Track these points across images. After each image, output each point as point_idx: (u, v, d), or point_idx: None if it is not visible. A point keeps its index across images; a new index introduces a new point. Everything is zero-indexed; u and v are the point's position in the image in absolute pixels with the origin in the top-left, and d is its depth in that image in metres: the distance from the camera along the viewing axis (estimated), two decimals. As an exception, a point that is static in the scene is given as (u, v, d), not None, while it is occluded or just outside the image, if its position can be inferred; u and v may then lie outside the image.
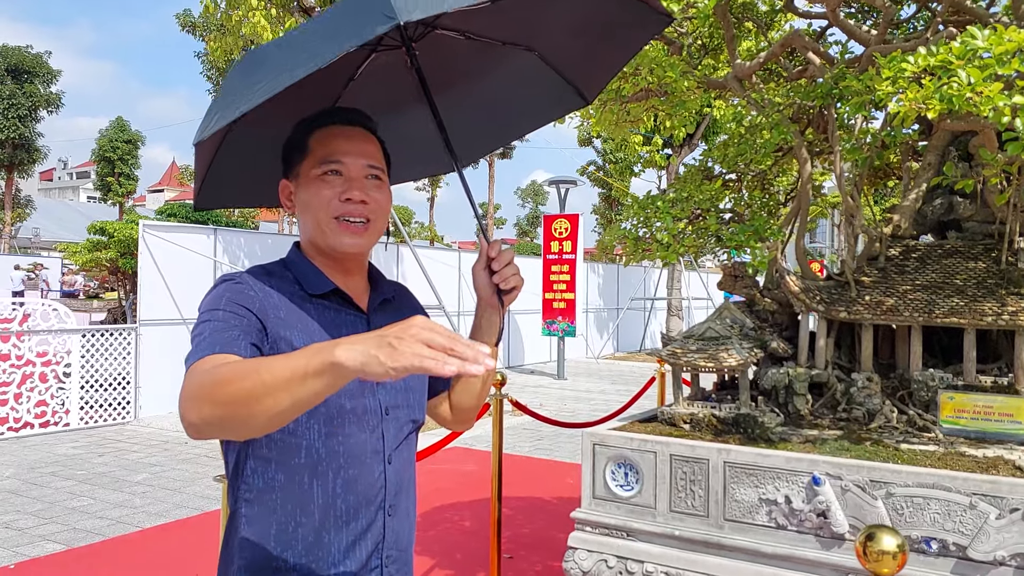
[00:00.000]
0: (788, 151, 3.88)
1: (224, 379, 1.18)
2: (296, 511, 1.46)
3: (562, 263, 15.68)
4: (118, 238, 13.84)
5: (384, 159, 1.66)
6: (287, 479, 1.46)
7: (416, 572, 4.82)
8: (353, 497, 1.49)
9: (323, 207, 1.55)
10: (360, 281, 1.66)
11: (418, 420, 1.66)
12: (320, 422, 1.46)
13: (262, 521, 1.47)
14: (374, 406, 1.54)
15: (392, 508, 1.57)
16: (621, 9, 1.78)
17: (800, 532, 2.86)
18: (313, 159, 1.57)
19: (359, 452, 1.50)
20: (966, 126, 3.12)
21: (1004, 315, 3.14)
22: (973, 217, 3.59)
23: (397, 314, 1.67)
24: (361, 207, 1.55)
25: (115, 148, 45.36)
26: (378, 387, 1.55)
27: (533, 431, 9.79)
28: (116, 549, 5.28)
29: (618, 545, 3.19)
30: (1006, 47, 2.48)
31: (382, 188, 1.61)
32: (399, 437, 1.59)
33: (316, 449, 1.46)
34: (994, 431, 3.05)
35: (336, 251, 1.57)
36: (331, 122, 1.60)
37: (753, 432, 3.21)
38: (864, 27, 3.86)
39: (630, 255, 3.62)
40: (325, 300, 1.56)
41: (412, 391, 1.64)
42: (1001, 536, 2.55)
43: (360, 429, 1.51)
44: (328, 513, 1.47)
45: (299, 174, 1.60)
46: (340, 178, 1.56)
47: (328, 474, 1.47)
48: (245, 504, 1.49)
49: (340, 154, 1.56)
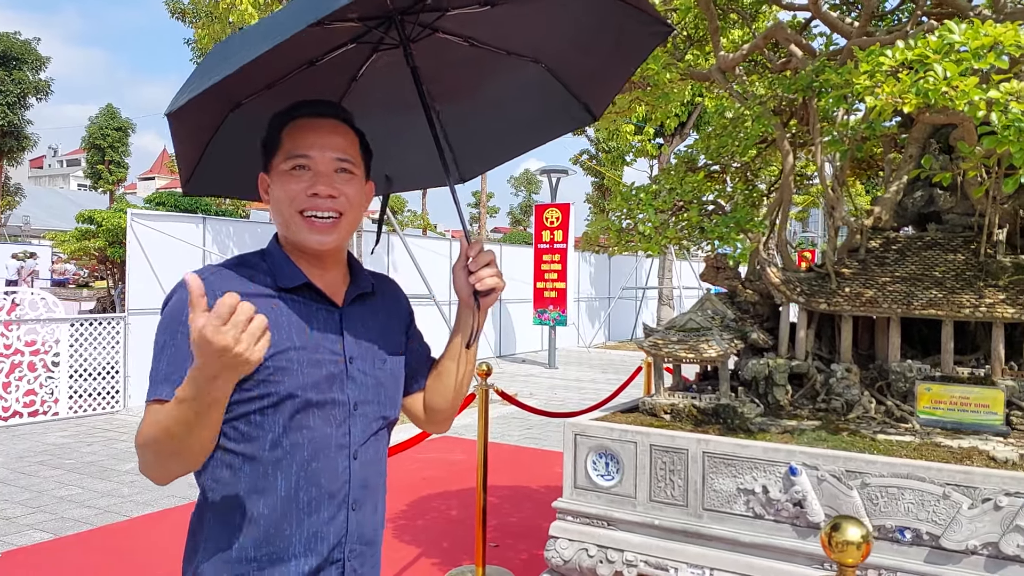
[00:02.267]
0: (771, 143, 3.90)
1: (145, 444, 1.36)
2: (259, 502, 1.47)
3: (553, 252, 15.68)
4: (106, 227, 13.78)
5: (361, 152, 1.63)
6: (251, 470, 1.47)
7: (403, 560, 4.87)
8: (315, 490, 1.49)
9: (289, 202, 1.53)
10: (337, 274, 1.63)
11: (389, 417, 1.65)
12: (285, 415, 1.46)
13: (225, 511, 1.48)
14: (342, 400, 1.53)
15: (356, 503, 1.56)
16: (623, 21, 1.76)
17: (777, 521, 2.89)
18: (282, 153, 1.55)
19: (323, 446, 1.50)
20: (946, 119, 3.14)
21: (981, 307, 3.17)
22: (953, 209, 3.61)
23: (375, 309, 1.67)
24: (328, 202, 1.52)
25: (105, 136, 45.06)
26: (347, 382, 1.54)
27: (523, 420, 9.83)
28: (104, 538, 5.30)
29: (599, 534, 3.23)
30: (982, 42, 2.50)
31: (352, 182, 1.57)
32: (367, 433, 1.58)
33: (280, 442, 1.47)
34: (970, 422, 3.09)
35: (303, 247, 1.55)
36: (301, 115, 1.57)
37: (732, 422, 3.24)
38: (848, 19, 3.87)
39: (614, 246, 3.63)
40: (296, 294, 1.54)
41: (383, 387, 1.62)
42: (973, 526, 2.58)
43: (325, 423, 1.51)
44: (290, 505, 1.48)
45: (271, 168, 1.58)
46: (308, 172, 1.53)
47: (291, 466, 1.47)
48: (210, 493, 1.50)
49: (307, 147, 1.53)
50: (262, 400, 1.45)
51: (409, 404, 1.78)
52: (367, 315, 1.64)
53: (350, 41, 1.73)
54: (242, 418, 1.46)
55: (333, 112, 1.61)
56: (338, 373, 1.53)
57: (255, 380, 1.44)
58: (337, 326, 1.57)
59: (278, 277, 1.54)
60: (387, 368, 1.64)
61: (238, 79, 1.60)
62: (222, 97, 1.68)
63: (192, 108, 1.52)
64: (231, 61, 1.39)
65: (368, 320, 1.64)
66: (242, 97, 1.70)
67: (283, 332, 1.48)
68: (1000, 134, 2.42)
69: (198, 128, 1.72)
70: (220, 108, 1.71)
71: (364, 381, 1.58)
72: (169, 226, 10.86)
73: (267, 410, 1.45)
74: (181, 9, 17.99)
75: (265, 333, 1.20)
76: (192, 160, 1.78)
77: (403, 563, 4.84)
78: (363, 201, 1.63)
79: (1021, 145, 2.39)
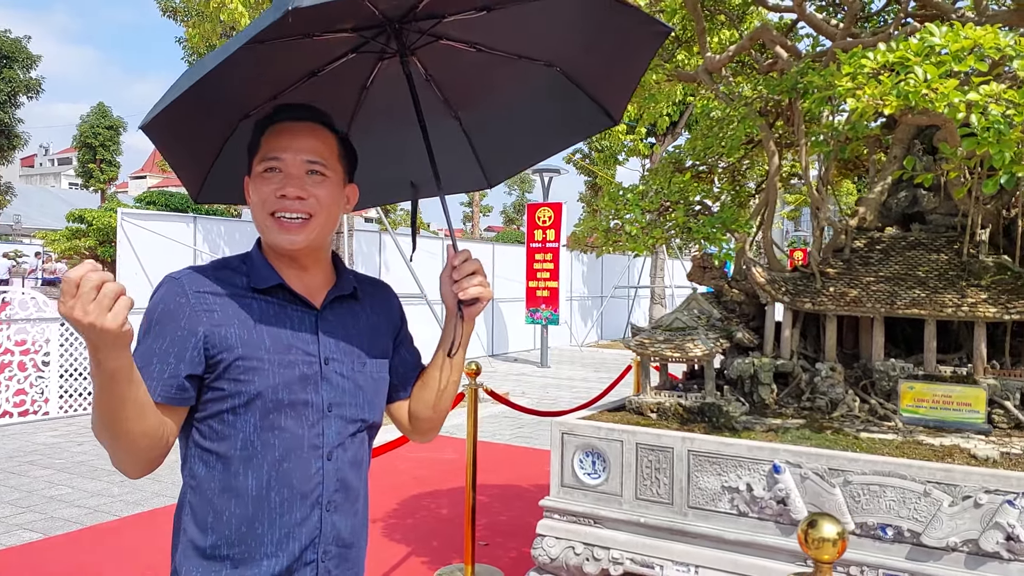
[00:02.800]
0: (758, 143, 3.93)
1: (94, 431, 1.40)
2: (231, 500, 1.49)
3: (545, 251, 15.70)
4: (97, 226, 13.74)
5: (341, 155, 1.63)
6: (224, 469, 1.49)
7: (392, 559, 4.88)
8: (287, 490, 1.50)
9: (262, 204, 1.55)
10: (318, 276, 1.63)
11: (368, 420, 1.64)
12: (256, 415, 1.48)
13: (202, 508, 1.51)
14: (315, 401, 1.54)
15: (332, 504, 1.56)
16: (621, 22, 1.76)
17: (761, 519, 2.92)
18: (259, 157, 1.57)
19: (295, 446, 1.51)
20: (928, 121, 3.17)
21: (964, 307, 3.20)
22: (937, 210, 3.65)
23: (358, 311, 1.67)
24: (297, 203, 1.53)
25: (96, 134, 44.94)
26: (321, 383, 1.55)
27: (514, 419, 9.85)
28: (94, 538, 5.30)
29: (585, 532, 3.25)
30: (962, 44, 2.53)
31: (324, 184, 1.57)
32: (343, 435, 1.58)
33: (251, 441, 1.48)
34: (952, 420, 3.12)
35: (276, 248, 1.57)
36: (280, 119, 1.58)
37: (718, 421, 3.27)
38: (833, 21, 3.90)
39: (601, 246, 3.65)
40: (270, 295, 1.55)
41: (363, 390, 1.62)
42: (954, 523, 2.61)
43: (297, 424, 1.51)
44: (261, 504, 1.49)
45: (251, 172, 1.60)
46: (279, 175, 1.54)
47: (263, 466, 1.49)
48: (190, 491, 1.53)
49: (279, 150, 1.55)
50: (233, 399, 1.47)
51: (394, 411, 1.78)
52: (348, 317, 1.64)
53: (350, 51, 1.74)
54: (215, 417, 1.48)
55: (311, 115, 1.61)
56: (311, 374, 1.54)
57: (226, 379, 1.46)
58: (312, 327, 1.57)
59: (253, 278, 1.55)
60: (367, 371, 1.63)
61: (243, 91, 1.65)
62: (233, 106, 1.71)
63: (187, 117, 1.54)
64: (193, 76, 1.42)
65: (348, 322, 1.64)
66: (251, 107, 1.73)
67: (254, 332, 1.49)
68: (980, 136, 2.45)
69: (204, 140, 1.74)
70: (231, 117, 1.73)
71: (340, 383, 1.58)
72: (160, 225, 10.85)
73: (238, 409, 1.47)
74: (173, 8, 17.93)
75: (119, 300, 1.19)
76: (202, 170, 1.80)
77: (392, 562, 4.85)
78: (338, 203, 1.62)
79: (1000, 147, 2.42)
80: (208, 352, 1.46)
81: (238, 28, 10.07)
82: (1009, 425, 3.14)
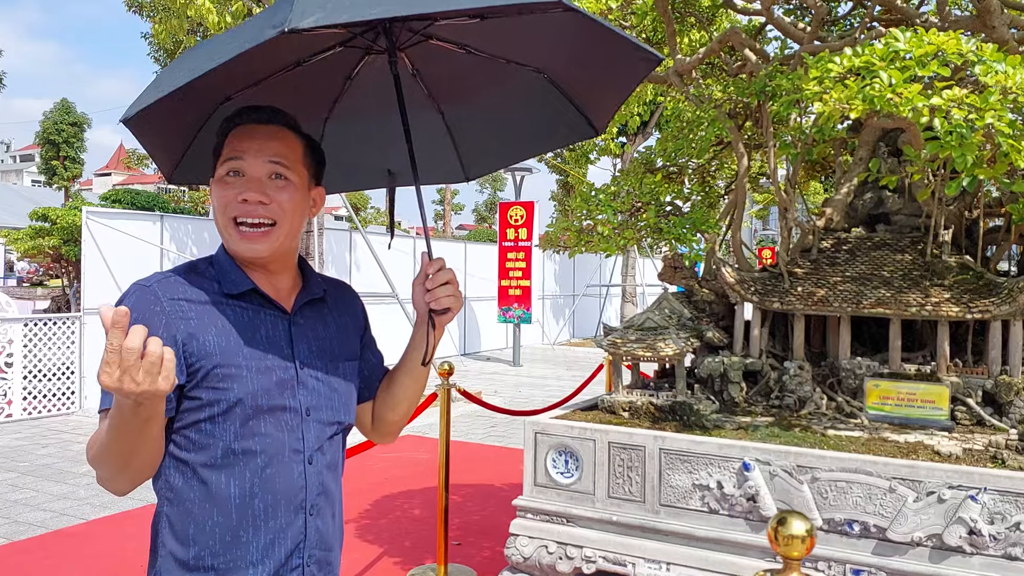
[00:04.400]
0: (727, 145, 3.97)
1: (94, 459, 1.41)
2: (213, 510, 1.46)
3: (518, 250, 15.72)
4: (61, 224, 13.48)
5: (307, 159, 1.60)
6: (204, 478, 1.46)
7: (365, 559, 4.87)
8: (271, 496, 1.49)
9: (223, 208, 1.51)
10: (287, 279, 1.62)
11: (344, 422, 1.64)
12: (236, 423, 1.46)
13: (182, 520, 1.48)
14: (294, 406, 1.52)
15: (314, 508, 1.56)
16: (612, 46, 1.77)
17: (731, 516, 2.96)
18: (222, 160, 1.53)
19: (277, 452, 1.50)
20: (893, 124, 3.23)
21: (928, 306, 3.27)
22: (901, 211, 3.72)
23: (327, 314, 1.66)
24: (259, 209, 1.50)
25: (60, 131, 44.09)
26: (299, 388, 1.54)
27: (487, 418, 9.85)
28: (60, 542, 5.21)
29: (558, 531, 3.27)
30: (926, 49, 2.58)
31: (287, 188, 1.54)
32: (321, 438, 1.57)
33: (232, 449, 1.46)
34: (917, 417, 3.19)
35: (237, 256, 1.54)
36: (243, 121, 1.54)
37: (689, 419, 3.30)
38: (801, 25, 3.95)
39: (573, 247, 3.67)
40: (243, 300, 1.53)
41: (337, 393, 1.61)
42: (919, 518, 2.67)
43: (278, 429, 1.50)
44: (245, 512, 1.47)
45: (214, 174, 1.56)
46: (240, 179, 1.51)
47: (245, 473, 1.47)
48: (167, 503, 1.50)
49: (240, 152, 1.51)
50: (211, 408, 1.45)
51: (359, 414, 1.76)
52: (318, 321, 1.63)
53: (337, 45, 1.74)
54: (192, 426, 1.46)
55: (275, 118, 1.57)
56: (288, 379, 1.52)
57: (204, 387, 1.44)
58: (286, 331, 1.56)
59: (224, 283, 1.52)
60: (340, 373, 1.63)
61: (225, 77, 1.60)
62: (214, 91, 1.69)
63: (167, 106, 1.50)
64: (180, 75, 1.40)
65: (319, 325, 1.63)
66: (232, 92, 1.71)
67: (231, 339, 1.47)
68: (943, 139, 2.51)
69: (183, 122, 1.71)
70: (211, 101, 1.71)
71: (316, 387, 1.57)
72: (126, 224, 10.67)
73: (217, 418, 1.45)
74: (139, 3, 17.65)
75: (164, 362, 1.19)
76: (178, 151, 1.78)
77: (365, 562, 4.84)
78: (302, 209, 1.59)
79: (962, 150, 2.48)
80: (188, 361, 1.43)
81: (206, 24, 9.95)
82: (971, 422, 3.22)
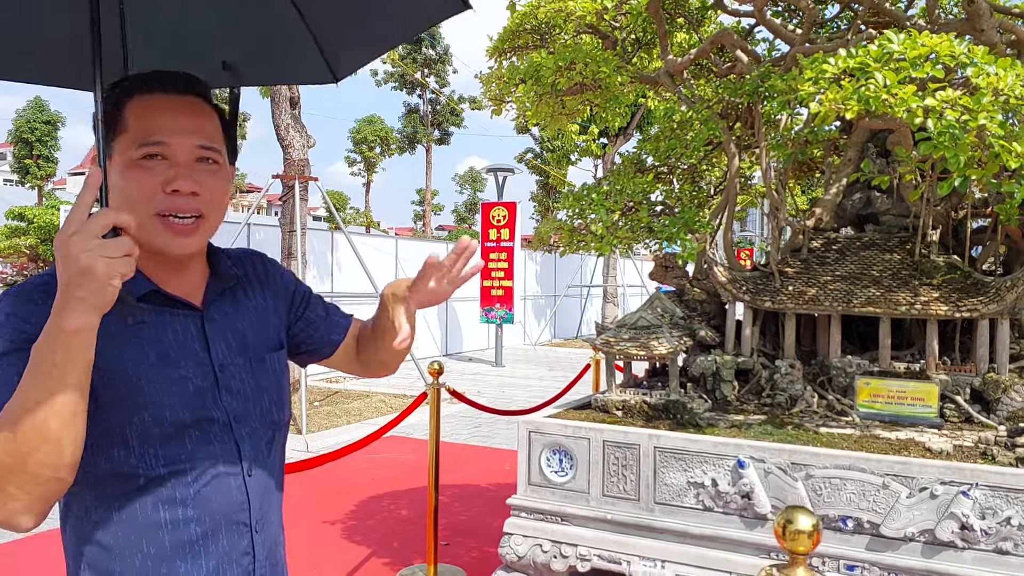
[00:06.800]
0: (717, 145, 4.00)
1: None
2: (141, 542, 1.28)
3: (500, 251, 15.74)
4: (38, 224, 13.28)
5: (224, 134, 1.39)
6: (127, 509, 1.27)
7: (353, 561, 4.84)
8: (209, 518, 1.32)
9: (143, 200, 1.28)
10: (196, 272, 1.41)
11: (279, 421, 1.47)
12: (156, 445, 1.27)
13: (104, 560, 1.28)
14: (220, 416, 1.35)
15: (259, 523, 1.40)
16: None
17: (726, 513, 2.98)
18: (130, 137, 1.29)
19: (208, 468, 1.32)
20: (884, 124, 3.27)
21: (917, 305, 3.31)
22: (890, 211, 3.76)
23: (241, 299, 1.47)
24: (190, 200, 1.30)
25: (33, 129, 43.47)
26: (221, 395, 1.35)
27: (471, 419, 9.85)
28: (44, 545, 5.13)
29: (552, 530, 3.27)
30: (920, 51, 2.62)
31: (218, 173, 1.35)
32: (257, 446, 1.40)
33: (157, 473, 1.28)
34: (907, 415, 3.23)
35: (161, 252, 1.32)
36: (152, 89, 1.31)
37: (682, 418, 3.32)
38: (790, 26, 3.99)
39: (566, 246, 3.68)
40: (143, 303, 1.31)
41: (265, 391, 1.43)
42: (911, 514, 2.70)
43: (205, 443, 1.32)
44: (180, 539, 1.30)
45: (112, 153, 1.30)
46: (164, 163, 1.29)
47: (175, 496, 1.29)
48: (85, 544, 1.29)
49: (164, 132, 1.29)
50: (125, 430, 1.25)
51: (334, 360, 1.61)
52: (232, 311, 1.44)
53: None
54: (103, 453, 1.25)
55: (191, 87, 1.35)
56: (207, 387, 1.34)
57: (111, 408, 1.24)
58: (199, 332, 1.36)
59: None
60: (267, 367, 1.45)
61: None
62: None
63: None
64: None
65: (234, 316, 1.43)
66: None
67: (136, 351, 1.28)
68: (936, 140, 2.54)
69: None
70: None
71: (241, 389, 1.39)
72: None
73: (133, 442, 1.26)
74: None
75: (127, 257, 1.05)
76: None
77: (353, 564, 4.81)
78: (228, 195, 1.40)
79: (955, 151, 2.51)
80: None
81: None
82: (960, 419, 3.26)
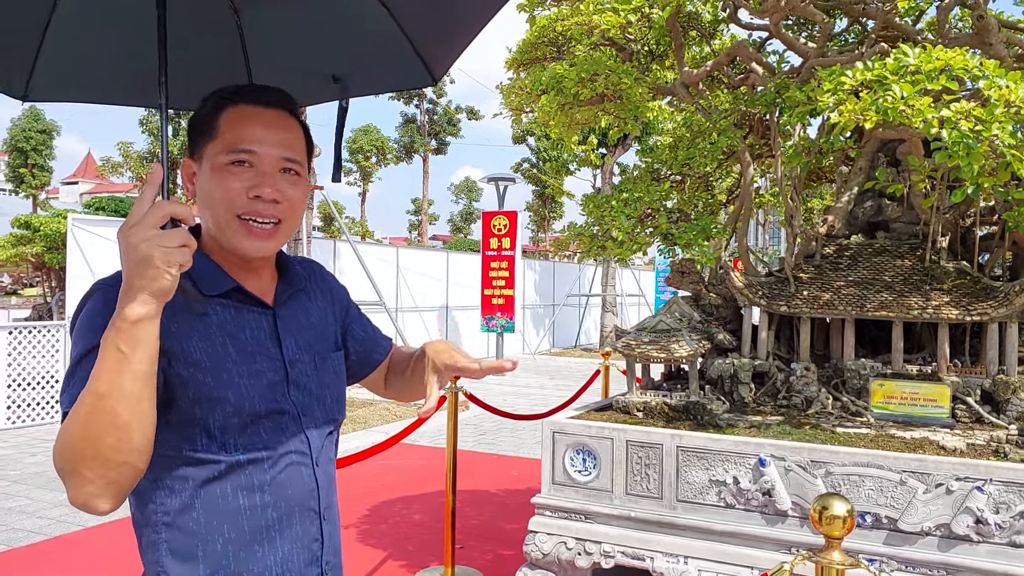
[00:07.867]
0: (732, 154, 4.11)
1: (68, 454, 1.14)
2: (223, 526, 1.34)
3: (501, 259, 15.84)
4: (44, 232, 13.35)
5: (306, 149, 1.48)
6: (208, 495, 1.33)
7: (370, 564, 4.92)
8: (284, 504, 1.39)
9: (227, 202, 1.36)
10: (267, 274, 1.50)
11: (337, 419, 1.54)
12: (235, 433, 1.34)
13: (184, 543, 1.34)
14: (290, 409, 1.42)
15: (327, 511, 1.47)
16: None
17: (747, 510, 3.07)
18: (221, 143, 1.37)
19: (282, 456, 1.39)
20: (895, 135, 3.38)
21: (928, 309, 3.42)
22: (900, 219, 3.88)
23: (307, 303, 1.56)
24: (272, 207, 1.37)
25: (28, 138, 43.54)
26: (290, 390, 1.43)
27: (475, 426, 9.92)
28: (60, 548, 5.19)
29: (576, 528, 3.36)
30: (935, 64, 2.73)
31: (298, 184, 1.42)
32: (321, 438, 1.48)
33: (234, 460, 1.34)
34: (920, 415, 3.33)
35: (238, 253, 1.40)
36: (246, 101, 1.41)
37: (702, 418, 3.42)
38: (801, 39, 4.12)
39: (586, 252, 3.78)
40: (224, 299, 1.39)
41: (328, 388, 1.51)
42: (928, 509, 2.80)
43: (279, 434, 1.39)
44: (258, 524, 1.36)
45: (203, 157, 1.39)
46: (251, 170, 1.37)
47: (253, 484, 1.36)
48: (164, 529, 1.34)
49: (253, 142, 1.37)
50: (205, 420, 1.31)
51: (370, 378, 1.71)
52: (301, 313, 1.52)
53: None
54: (186, 441, 1.32)
55: (281, 101, 1.44)
56: (279, 381, 1.41)
57: (193, 399, 1.31)
58: (272, 330, 1.44)
59: (201, 284, 1.36)
60: (329, 367, 1.53)
61: None
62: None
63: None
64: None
65: (302, 318, 1.52)
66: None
67: (216, 344, 1.34)
68: (951, 149, 2.66)
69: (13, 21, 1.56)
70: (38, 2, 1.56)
71: (307, 384, 1.46)
72: (112, 231, 10.61)
73: (214, 430, 1.32)
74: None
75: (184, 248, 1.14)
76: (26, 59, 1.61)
77: (370, 566, 4.88)
78: (303, 206, 1.48)
79: (969, 160, 2.63)
80: (173, 370, 1.28)
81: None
82: (971, 419, 3.36)
